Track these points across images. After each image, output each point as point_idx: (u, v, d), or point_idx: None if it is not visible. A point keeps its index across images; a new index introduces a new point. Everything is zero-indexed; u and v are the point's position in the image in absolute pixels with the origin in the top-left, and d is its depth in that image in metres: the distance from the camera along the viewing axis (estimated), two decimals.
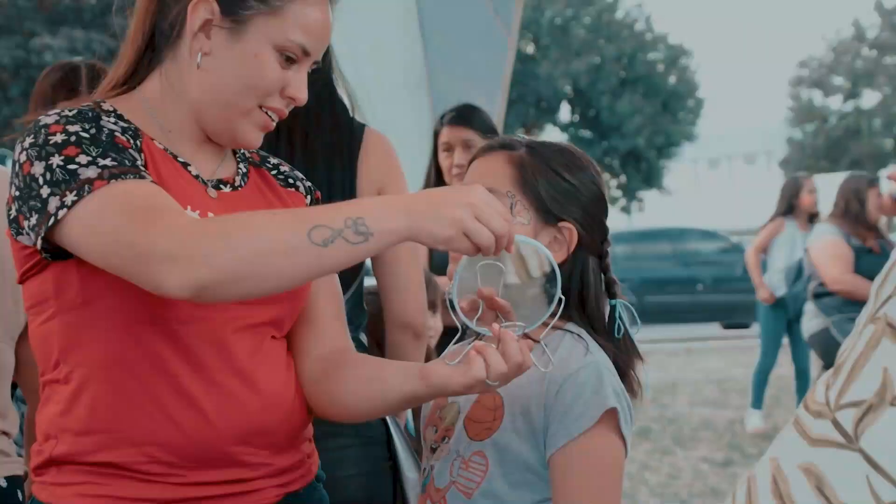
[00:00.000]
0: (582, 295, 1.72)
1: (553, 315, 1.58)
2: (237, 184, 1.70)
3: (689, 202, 43.36)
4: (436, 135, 3.74)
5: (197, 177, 1.64)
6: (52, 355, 1.56)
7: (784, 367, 8.14)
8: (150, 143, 1.61)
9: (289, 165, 1.85)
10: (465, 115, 3.68)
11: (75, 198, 1.43)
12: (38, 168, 1.47)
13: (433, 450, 1.75)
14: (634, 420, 1.68)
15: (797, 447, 1.37)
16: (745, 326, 15.41)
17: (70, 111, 1.54)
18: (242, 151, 1.78)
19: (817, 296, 5.97)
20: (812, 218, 7.30)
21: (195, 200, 1.59)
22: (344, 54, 4.82)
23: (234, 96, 1.61)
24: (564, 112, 30.76)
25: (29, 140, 1.51)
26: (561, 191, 1.71)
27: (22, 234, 1.51)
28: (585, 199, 1.72)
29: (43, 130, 1.50)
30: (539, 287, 1.58)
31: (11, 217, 1.52)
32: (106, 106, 1.63)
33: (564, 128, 30.19)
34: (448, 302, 1.58)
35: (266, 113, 1.64)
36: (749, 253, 7.71)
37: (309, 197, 1.82)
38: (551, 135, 29.88)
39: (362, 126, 2.36)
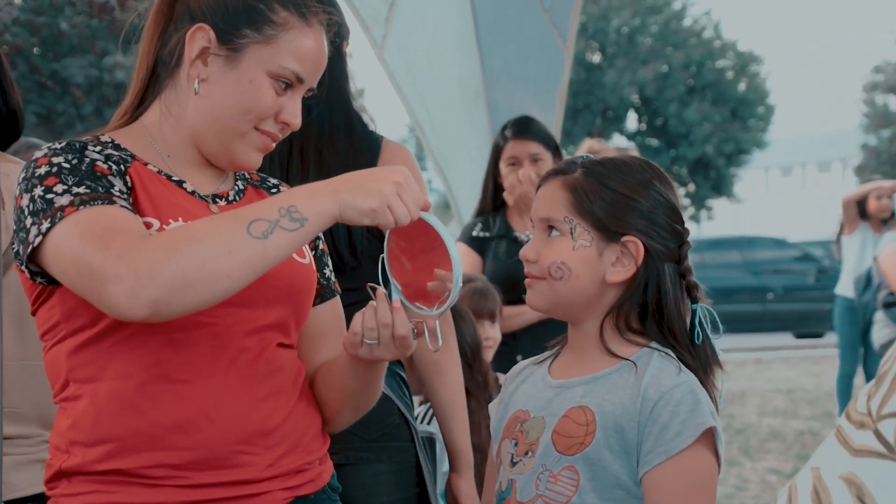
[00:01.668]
0: (660, 304, 1.72)
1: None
2: (231, 198, 1.76)
3: (760, 210, 42.82)
4: (497, 149, 3.70)
5: (193, 193, 1.71)
6: (62, 376, 1.63)
7: (858, 376, 8.01)
8: (140, 168, 1.67)
9: (288, 186, 1.89)
10: (529, 128, 3.65)
11: (49, 225, 1.51)
12: (25, 200, 1.56)
13: (514, 463, 1.75)
14: None
15: (839, 457, 1.37)
16: (819, 336, 15.15)
17: (59, 143, 1.62)
18: (243, 173, 1.83)
19: (888, 305, 5.88)
20: (886, 222, 7.17)
21: (192, 214, 1.64)
22: (402, 69, 4.88)
23: (229, 120, 1.67)
24: (631, 121, 30.58)
25: (22, 174, 1.59)
26: (618, 206, 1.72)
27: (22, 264, 1.59)
28: (647, 209, 1.72)
29: (32, 164, 1.58)
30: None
31: (15, 251, 1.60)
32: (104, 138, 1.71)
33: (631, 137, 30.01)
34: (381, 266, 1.66)
35: (262, 135, 1.71)
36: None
37: None
38: (618, 144, 29.74)
39: (380, 138, 2.39)
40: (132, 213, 1.55)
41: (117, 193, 1.55)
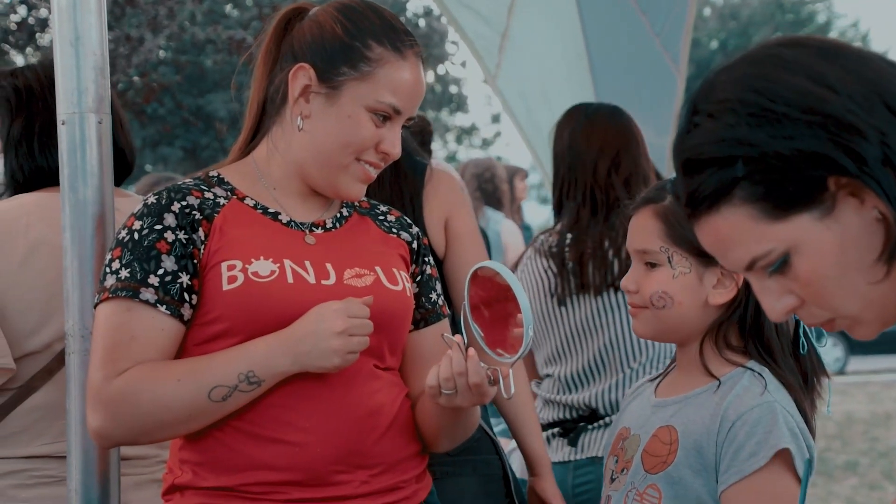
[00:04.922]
0: (759, 319, 1.73)
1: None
2: (329, 226, 1.84)
3: None
4: None
5: (290, 223, 1.80)
6: None
7: None
8: (234, 207, 1.78)
9: (398, 213, 1.97)
10: None
11: (96, 300, 1.74)
12: (106, 257, 1.75)
13: (612, 480, 1.80)
14: (839, 453, 1.66)
15: None
16: None
17: (154, 196, 1.76)
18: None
19: None
20: None
21: (279, 251, 1.74)
22: (515, 97, 4.93)
23: (332, 153, 1.76)
24: None
25: (120, 227, 1.77)
26: None
27: None
28: None
29: (125, 221, 1.75)
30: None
31: None
32: (212, 173, 1.84)
33: None
34: (463, 314, 1.73)
35: (364, 165, 1.78)
36: None
37: (416, 242, 1.93)
38: None
39: (425, 165, 2.42)
40: (150, 307, 1.68)
41: (152, 282, 1.68)
